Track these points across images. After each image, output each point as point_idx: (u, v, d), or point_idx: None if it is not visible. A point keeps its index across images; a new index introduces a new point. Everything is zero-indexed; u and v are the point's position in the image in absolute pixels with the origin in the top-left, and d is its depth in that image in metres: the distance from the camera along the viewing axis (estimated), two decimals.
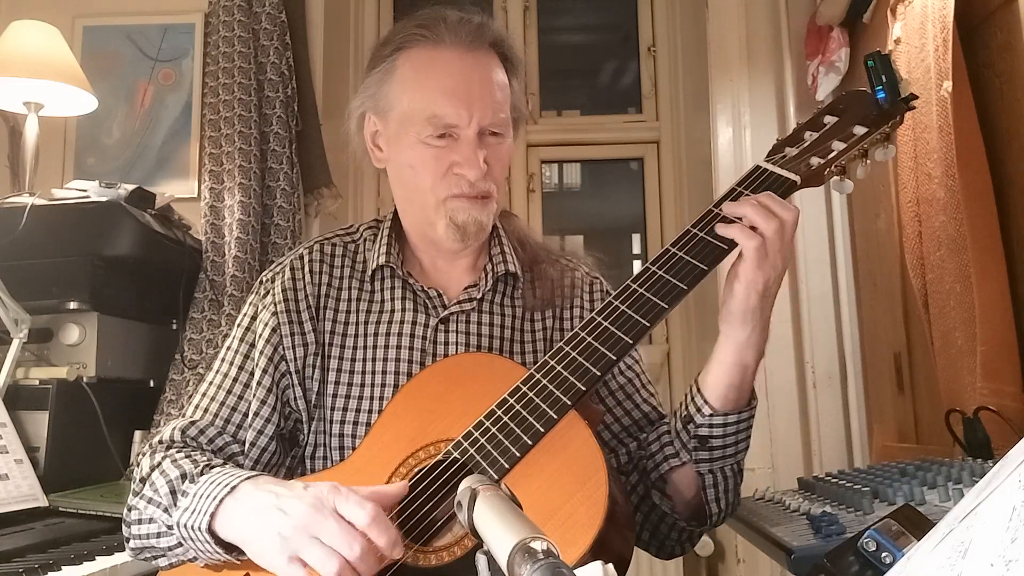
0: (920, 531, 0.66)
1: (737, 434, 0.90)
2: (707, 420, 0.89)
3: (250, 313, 1.07)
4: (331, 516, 0.78)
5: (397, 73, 1.02)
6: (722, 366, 0.89)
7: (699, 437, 0.90)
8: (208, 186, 2.19)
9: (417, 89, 1.00)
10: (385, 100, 1.04)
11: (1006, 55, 1.43)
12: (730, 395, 0.89)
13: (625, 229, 3.08)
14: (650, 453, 0.97)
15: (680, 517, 0.96)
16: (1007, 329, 1.38)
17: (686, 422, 0.91)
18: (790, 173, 0.92)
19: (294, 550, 0.78)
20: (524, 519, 0.50)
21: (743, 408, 0.90)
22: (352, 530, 0.77)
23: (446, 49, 1.00)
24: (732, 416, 0.89)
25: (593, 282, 1.13)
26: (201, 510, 0.85)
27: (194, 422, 1.00)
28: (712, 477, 0.92)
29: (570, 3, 3.20)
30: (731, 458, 0.91)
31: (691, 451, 0.91)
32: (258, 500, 0.83)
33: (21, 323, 1.58)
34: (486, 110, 0.99)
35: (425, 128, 0.99)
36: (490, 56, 1.03)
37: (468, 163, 0.98)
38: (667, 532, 0.99)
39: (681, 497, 0.95)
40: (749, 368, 0.88)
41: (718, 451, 0.90)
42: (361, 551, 0.76)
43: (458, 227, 1.01)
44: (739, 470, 0.94)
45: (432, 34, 1.01)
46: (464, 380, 0.91)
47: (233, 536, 0.84)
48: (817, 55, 2.12)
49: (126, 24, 2.41)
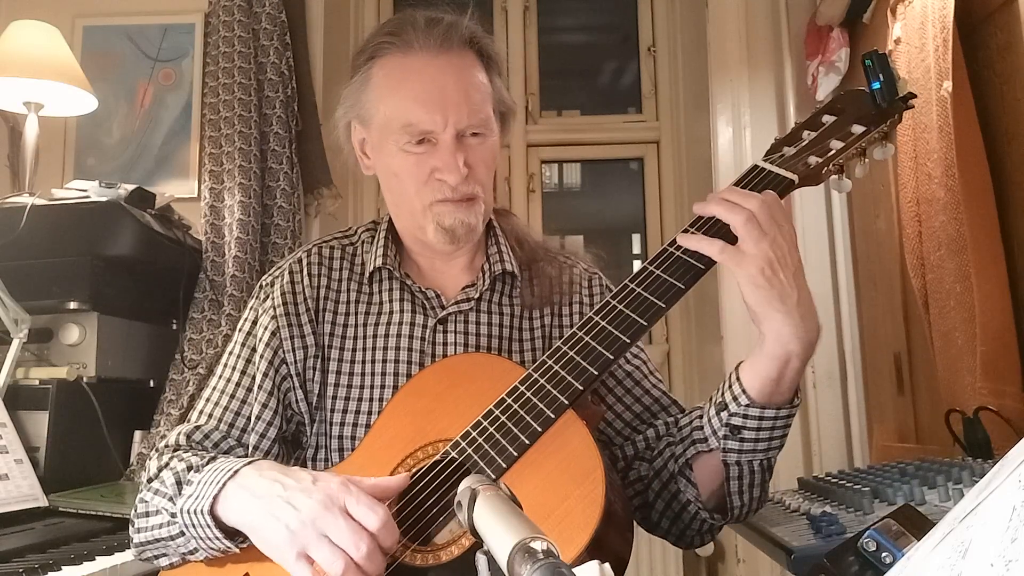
0: (920, 531, 0.66)
1: (772, 430, 0.87)
2: (742, 410, 0.86)
3: (251, 318, 1.08)
4: (341, 515, 0.78)
5: (372, 82, 1.02)
6: (762, 357, 0.85)
7: (731, 426, 0.87)
8: (208, 186, 2.19)
9: (391, 98, 1.00)
10: (365, 109, 1.04)
11: (1006, 55, 1.43)
12: (767, 388, 0.85)
13: (625, 229, 3.08)
14: (680, 438, 0.95)
15: (703, 506, 0.93)
16: (1007, 329, 1.38)
17: (720, 408, 0.89)
18: (788, 172, 0.92)
19: (302, 546, 0.78)
20: (524, 519, 0.50)
21: (782, 404, 0.87)
22: (360, 530, 0.77)
23: (416, 54, 1.00)
24: (769, 411, 0.86)
25: (592, 278, 1.13)
26: (203, 494, 0.86)
27: (199, 427, 1.01)
28: (738, 469, 0.89)
29: (570, 3, 3.20)
30: (761, 453, 0.88)
31: (721, 439, 0.88)
32: (262, 487, 0.83)
33: (21, 323, 1.58)
34: (461, 112, 0.98)
35: (402, 136, 0.99)
36: (464, 55, 1.02)
37: (447, 168, 0.98)
38: (688, 521, 0.96)
39: (706, 486, 0.93)
40: (791, 362, 0.84)
41: (748, 443, 0.87)
42: (368, 551, 0.76)
43: (446, 231, 1.01)
44: (768, 467, 0.91)
45: (401, 40, 1.00)
46: (462, 380, 0.91)
47: (236, 520, 0.85)
48: (817, 55, 2.12)
49: (126, 24, 2.41)
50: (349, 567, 0.76)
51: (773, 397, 0.86)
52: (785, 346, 0.83)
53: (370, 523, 0.77)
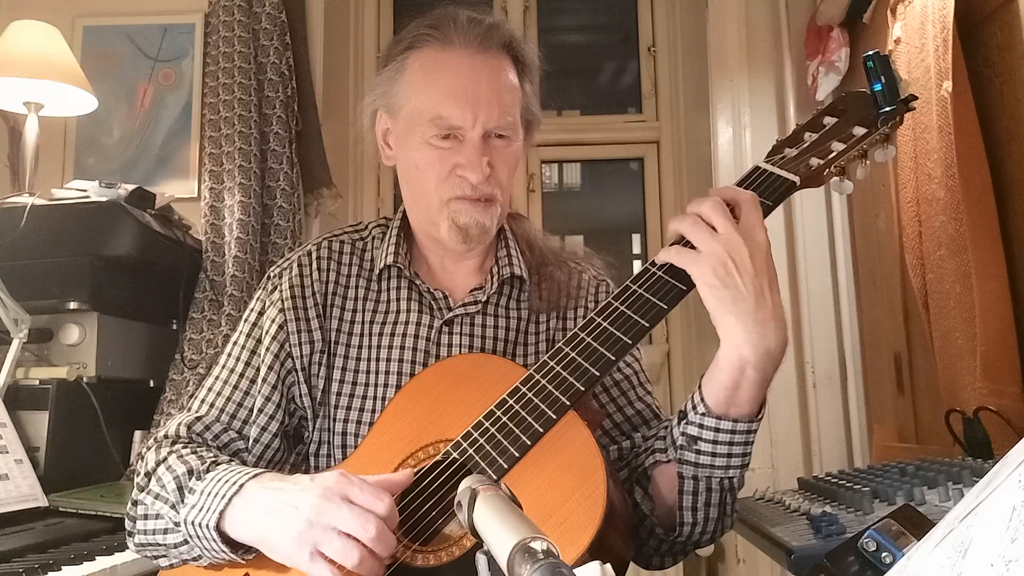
0: (920, 531, 0.66)
1: (731, 445, 0.83)
2: (698, 419, 0.84)
3: (257, 308, 1.07)
4: (342, 503, 0.78)
5: (407, 72, 1.02)
6: (716, 363, 0.83)
7: (688, 435, 0.85)
8: (208, 186, 2.19)
9: (425, 89, 1.00)
10: (395, 99, 1.04)
11: (1006, 55, 1.43)
12: (723, 396, 0.82)
13: (625, 229, 3.08)
14: (644, 448, 0.95)
15: (657, 523, 0.91)
16: (1007, 329, 1.38)
17: (681, 417, 0.87)
18: (789, 174, 0.92)
19: (313, 544, 0.78)
20: (524, 519, 0.50)
21: (741, 418, 0.83)
22: (364, 512, 0.77)
23: (455, 50, 1.00)
24: (726, 423, 0.83)
25: (600, 284, 1.13)
26: (209, 508, 0.85)
27: (199, 417, 1.00)
28: (693, 484, 0.86)
29: (570, 3, 3.20)
30: (719, 470, 0.85)
31: (678, 448, 0.86)
32: (266, 499, 0.83)
33: (21, 323, 1.58)
34: (491, 112, 0.98)
35: (430, 129, 0.99)
36: (500, 58, 1.02)
37: (471, 165, 0.98)
38: (645, 537, 0.93)
39: (661, 499, 0.90)
40: (746, 371, 0.81)
41: (705, 457, 0.84)
42: (377, 531, 0.76)
43: (460, 229, 1.01)
44: (730, 487, 0.87)
45: (442, 35, 1.01)
46: (464, 381, 0.91)
47: (245, 535, 0.84)
48: (817, 55, 2.12)
49: (126, 24, 2.41)
50: (364, 555, 0.76)
51: (730, 408, 0.83)
52: (738, 350, 0.80)
53: (377, 508, 0.77)
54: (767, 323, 0.80)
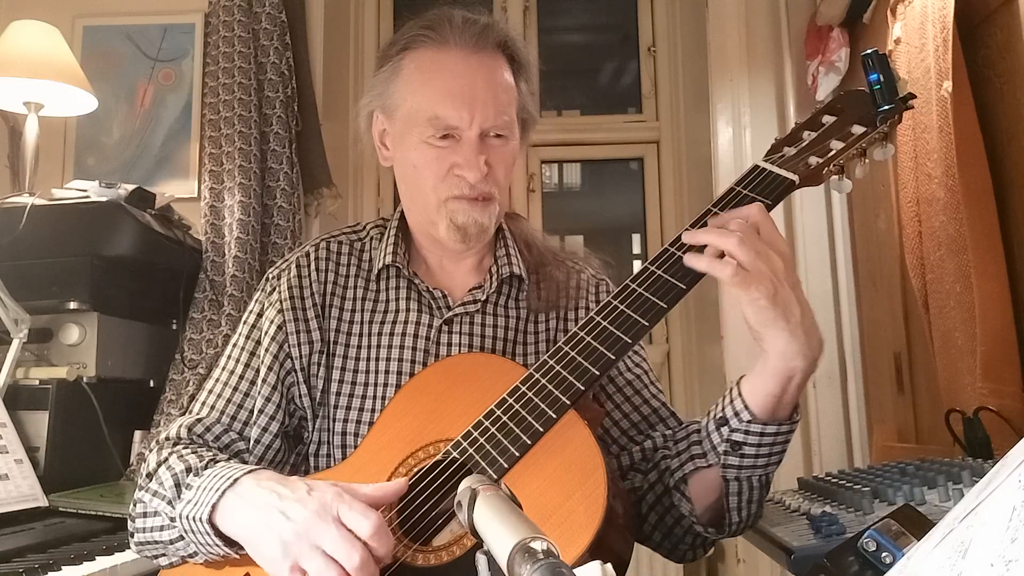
0: (920, 531, 0.66)
1: (772, 446, 0.86)
2: (743, 426, 0.85)
3: (256, 310, 1.07)
4: (333, 523, 0.78)
5: (403, 73, 1.03)
6: (764, 374, 0.84)
7: (732, 442, 0.86)
8: (208, 186, 2.19)
9: (421, 90, 1.00)
10: (391, 99, 1.04)
11: (1006, 55, 1.43)
12: (769, 404, 0.84)
13: (625, 229, 3.08)
14: (676, 451, 0.95)
15: (698, 521, 0.92)
16: (1007, 329, 1.38)
17: (720, 424, 0.87)
18: (788, 172, 0.92)
19: (295, 557, 0.78)
20: (524, 519, 0.49)
21: (783, 420, 0.85)
22: (353, 539, 0.77)
23: (450, 51, 1.00)
24: (771, 427, 0.84)
25: (599, 284, 1.13)
26: (203, 502, 0.85)
27: (200, 419, 1.01)
28: (738, 485, 0.88)
29: (570, 3, 3.20)
30: (761, 468, 0.87)
31: (721, 455, 0.87)
32: (259, 497, 0.83)
33: (21, 323, 1.58)
34: (488, 112, 0.99)
35: (427, 129, 0.99)
36: (496, 58, 1.03)
37: (468, 165, 0.98)
38: (682, 535, 0.96)
39: (702, 501, 0.91)
40: (794, 379, 0.83)
41: (749, 459, 0.86)
42: (360, 561, 0.76)
43: (458, 228, 1.01)
44: (767, 482, 0.90)
45: (437, 35, 1.01)
46: (464, 380, 0.91)
47: (234, 531, 0.84)
48: (817, 55, 2.12)
49: (126, 24, 2.41)
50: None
51: (775, 413, 0.85)
52: (789, 363, 0.82)
53: (362, 530, 0.77)
54: (812, 332, 0.83)
